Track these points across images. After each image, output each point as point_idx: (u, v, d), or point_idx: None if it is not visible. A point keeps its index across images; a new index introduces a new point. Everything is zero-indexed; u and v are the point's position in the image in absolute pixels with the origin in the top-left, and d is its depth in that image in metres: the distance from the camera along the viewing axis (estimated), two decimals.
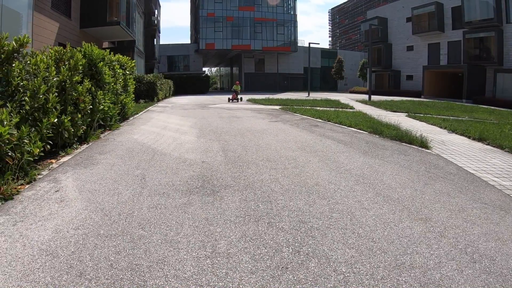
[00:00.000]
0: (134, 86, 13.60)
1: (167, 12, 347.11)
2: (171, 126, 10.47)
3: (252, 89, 53.26)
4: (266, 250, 2.85)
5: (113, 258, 2.66)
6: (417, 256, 2.82)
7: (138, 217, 3.45)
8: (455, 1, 35.75)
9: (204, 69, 65.39)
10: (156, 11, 44.59)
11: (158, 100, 23.04)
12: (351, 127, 10.60)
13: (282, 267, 2.59)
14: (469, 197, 4.40)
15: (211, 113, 15.17)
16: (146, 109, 16.22)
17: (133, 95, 13.00)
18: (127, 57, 12.03)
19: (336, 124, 11.34)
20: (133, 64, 12.27)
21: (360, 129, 10.15)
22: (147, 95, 20.86)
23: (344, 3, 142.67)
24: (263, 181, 4.83)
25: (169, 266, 2.58)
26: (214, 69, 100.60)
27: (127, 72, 11.66)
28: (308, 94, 36.77)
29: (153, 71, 40.00)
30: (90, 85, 7.35)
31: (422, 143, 7.77)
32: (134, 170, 5.25)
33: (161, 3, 51.76)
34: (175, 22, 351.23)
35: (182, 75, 44.29)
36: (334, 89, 60.00)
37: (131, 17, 25.92)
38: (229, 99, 25.31)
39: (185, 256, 2.72)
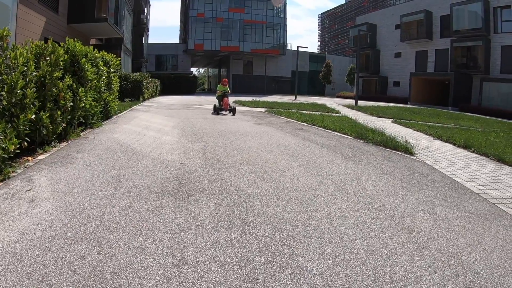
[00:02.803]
0: (119, 84, 13.38)
1: (157, 11, 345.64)
2: (153, 126, 10.30)
3: (240, 91, 52.92)
4: (237, 260, 2.71)
5: (77, 263, 2.53)
6: (398, 268, 2.71)
7: (108, 220, 3.30)
8: (444, 10, 36.23)
9: (192, 69, 65.15)
10: (145, 9, 44.27)
11: (144, 99, 22.80)
12: (336, 132, 10.55)
13: (253, 279, 2.46)
14: (453, 205, 4.34)
15: (196, 113, 15.01)
16: (131, 108, 15.99)
17: (118, 93, 12.77)
18: (112, 55, 11.81)
19: (321, 128, 11.28)
20: (118, 62, 12.04)
21: (345, 134, 10.10)
22: (132, 93, 20.62)
23: (334, 8, 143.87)
24: (240, 185, 4.70)
25: (134, 273, 2.44)
26: (202, 70, 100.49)
27: (112, 69, 11.45)
28: (295, 98, 36.81)
29: (140, 69, 39.66)
30: (71, 82, 7.16)
31: (407, 149, 7.74)
32: (110, 170, 5.09)
33: (150, 2, 51.48)
34: (164, 21, 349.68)
35: (170, 74, 43.97)
36: (321, 93, 60.16)
37: (120, 15, 25.67)
38: (215, 109, 15.40)
39: (151, 264, 2.58)
